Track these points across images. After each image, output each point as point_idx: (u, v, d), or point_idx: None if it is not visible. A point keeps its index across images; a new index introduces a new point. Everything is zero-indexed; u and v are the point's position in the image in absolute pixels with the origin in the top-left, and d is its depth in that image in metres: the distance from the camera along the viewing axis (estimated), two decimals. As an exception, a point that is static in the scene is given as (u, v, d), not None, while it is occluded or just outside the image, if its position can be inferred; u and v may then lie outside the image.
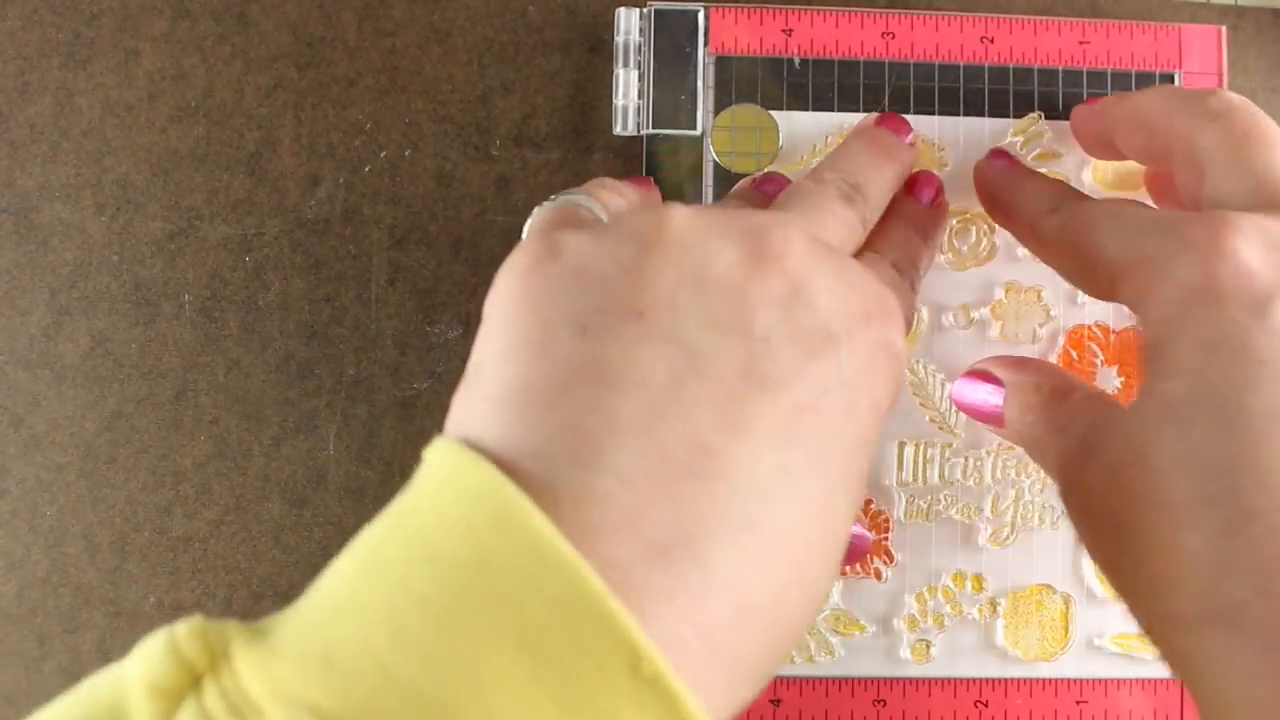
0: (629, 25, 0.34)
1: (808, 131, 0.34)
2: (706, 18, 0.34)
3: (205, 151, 0.34)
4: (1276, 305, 0.21)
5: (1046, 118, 0.34)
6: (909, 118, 0.34)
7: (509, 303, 0.21)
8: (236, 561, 0.34)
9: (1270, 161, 0.24)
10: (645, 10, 0.34)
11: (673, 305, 0.20)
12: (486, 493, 0.17)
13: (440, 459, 0.19)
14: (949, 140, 0.34)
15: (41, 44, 0.34)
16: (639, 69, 0.34)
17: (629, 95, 0.34)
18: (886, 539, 0.33)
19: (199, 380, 0.34)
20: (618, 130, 0.34)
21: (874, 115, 0.31)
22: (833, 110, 0.34)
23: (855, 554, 0.33)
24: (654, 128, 0.34)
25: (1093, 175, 0.34)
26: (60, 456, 0.34)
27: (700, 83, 0.34)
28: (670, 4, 0.34)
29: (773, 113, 0.34)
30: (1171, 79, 0.34)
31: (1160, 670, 0.33)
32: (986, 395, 0.29)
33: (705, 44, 0.34)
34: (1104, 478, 0.23)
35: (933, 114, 0.34)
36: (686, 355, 0.19)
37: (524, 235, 0.24)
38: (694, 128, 0.34)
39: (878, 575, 0.33)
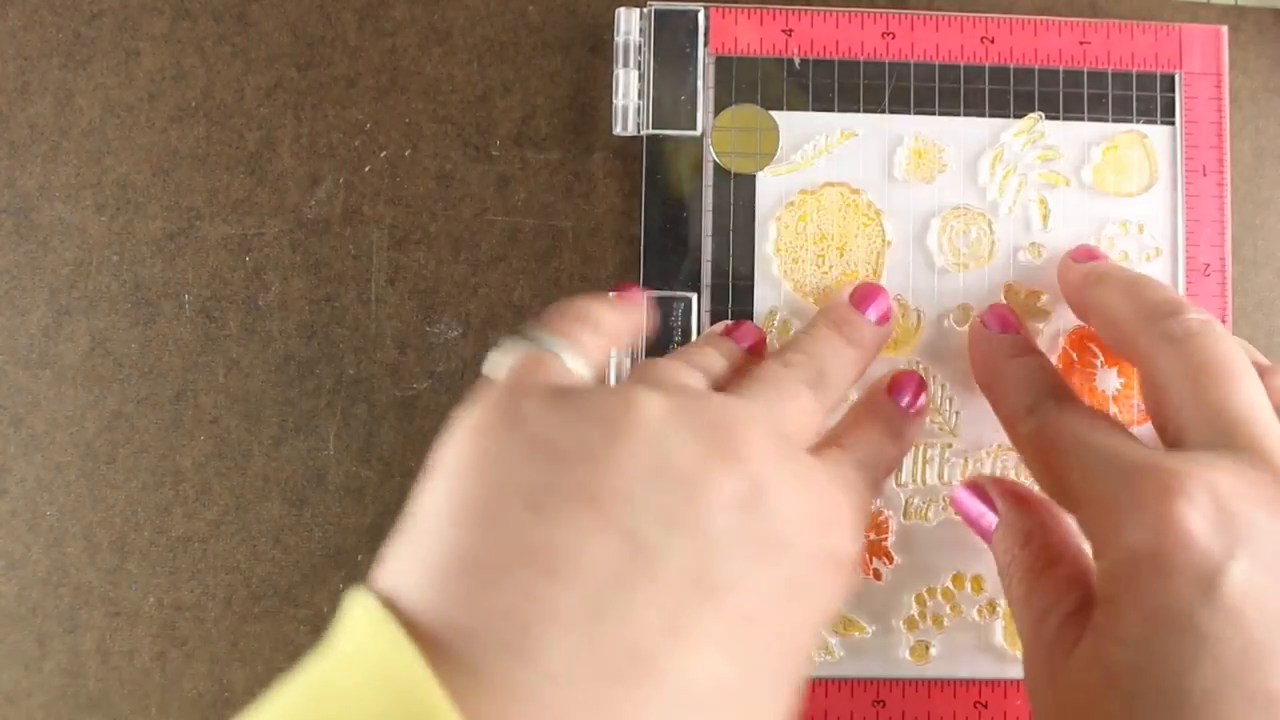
0: (629, 25, 0.34)
1: (808, 131, 0.34)
2: (706, 18, 0.34)
3: (205, 151, 0.34)
4: (1220, 581, 0.21)
5: (1047, 118, 0.34)
6: (910, 118, 0.34)
7: (461, 460, 0.20)
8: (236, 561, 0.34)
9: (1225, 396, 0.24)
10: (645, 10, 0.34)
11: (629, 496, 0.19)
12: (408, 694, 0.17)
13: (368, 629, 0.18)
14: (949, 140, 0.34)
15: (42, 44, 0.34)
16: (639, 69, 0.34)
17: (629, 95, 0.34)
18: (886, 539, 0.33)
19: (199, 380, 0.34)
20: (618, 130, 0.34)
21: (849, 287, 0.30)
22: (833, 110, 0.34)
23: None
24: (654, 128, 0.34)
25: (1093, 175, 0.34)
26: (60, 456, 0.34)
27: (700, 83, 0.34)
28: (670, 4, 0.34)
29: (773, 113, 0.34)
30: (1172, 79, 0.34)
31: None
32: (981, 513, 0.29)
33: (705, 44, 0.34)
34: (1070, 692, 0.23)
35: (933, 114, 0.34)
36: (635, 551, 0.19)
37: (485, 370, 0.23)
38: (694, 128, 0.34)
39: (877, 575, 0.33)
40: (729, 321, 0.30)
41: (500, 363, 0.23)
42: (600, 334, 0.25)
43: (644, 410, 0.20)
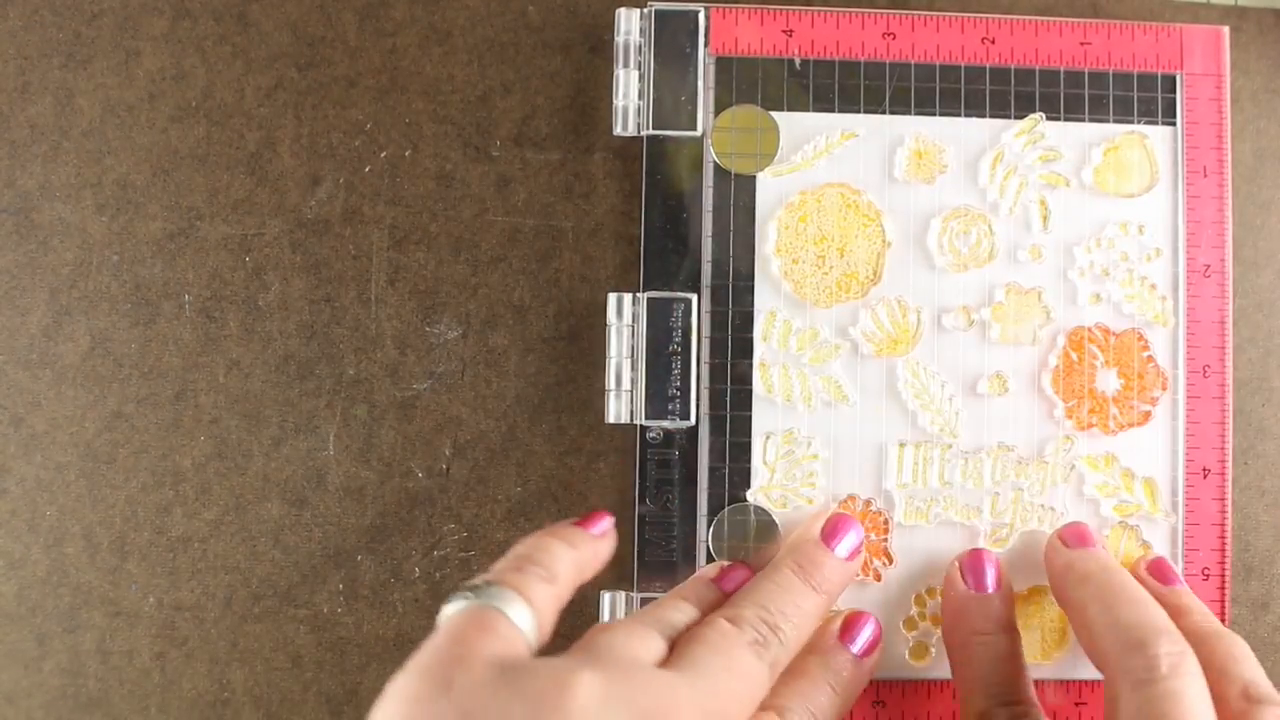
0: (629, 25, 0.34)
1: (808, 132, 0.34)
2: (707, 18, 0.34)
3: (205, 151, 0.34)
4: None
5: (1047, 118, 0.34)
6: (910, 119, 0.34)
7: None
8: (236, 561, 0.34)
9: (1129, 617, 0.26)
10: (646, 10, 0.34)
11: None
12: None
13: None
14: (949, 141, 0.34)
15: (42, 44, 0.34)
16: (639, 69, 0.34)
17: (629, 95, 0.34)
18: (886, 540, 0.33)
19: (199, 380, 0.34)
20: (618, 130, 0.34)
21: (820, 520, 0.30)
22: (833, 111, 0.34)
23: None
24: (654, 128, 0.33)
25: (1094, 176, 0.34)
26: (60, 456, 0.34)
27: (700, 83, 0.34)
28: (671, 4, 0.34)
29: (773, 113, 0.34)
30: (1173, 80, 0.34)
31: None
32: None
33: (706, 44, 0.34)
34: None
35: (933, 115, 0.34)
36: None
37: (437, 625, 0.23)
38: (694, 128, 0.34)
39: (877, 576, 0.33)
40: (727, 564, 0.30)
41: (447, 615, 0.23)
42: (554, 583, 0.25)
43: (577, 696, 0.21)
